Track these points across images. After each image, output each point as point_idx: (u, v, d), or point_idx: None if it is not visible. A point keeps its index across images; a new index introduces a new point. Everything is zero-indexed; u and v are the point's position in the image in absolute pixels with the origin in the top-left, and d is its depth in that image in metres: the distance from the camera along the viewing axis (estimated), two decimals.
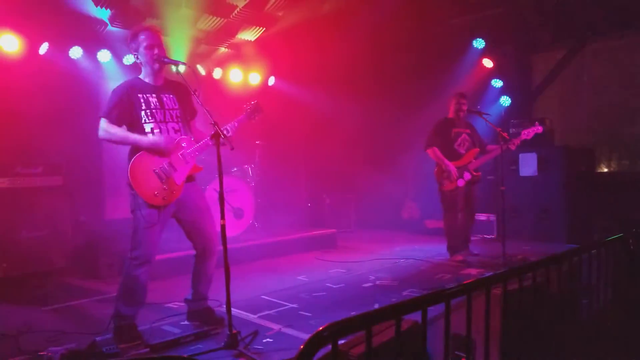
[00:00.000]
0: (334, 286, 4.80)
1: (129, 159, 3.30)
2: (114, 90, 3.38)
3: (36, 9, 5.44)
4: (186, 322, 3.66)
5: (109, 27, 6.09)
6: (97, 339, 3.20)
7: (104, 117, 3.30)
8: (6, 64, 5.39)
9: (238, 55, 7.62)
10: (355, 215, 8.40)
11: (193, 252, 3.62)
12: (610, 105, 7.43)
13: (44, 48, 5.65)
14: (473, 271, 5.23)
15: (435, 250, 6.41)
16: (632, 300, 3.02)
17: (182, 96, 3.55)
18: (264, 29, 7.07)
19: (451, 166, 5.57)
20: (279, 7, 6.71)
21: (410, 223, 8.34)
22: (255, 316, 3.87)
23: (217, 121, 3.18)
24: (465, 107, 5.74)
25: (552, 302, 2.67)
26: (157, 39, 3.39)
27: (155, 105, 3.40)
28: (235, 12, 6.53)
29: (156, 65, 3.39)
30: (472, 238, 6.06)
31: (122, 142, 3.34)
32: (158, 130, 3.35)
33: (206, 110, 3.22)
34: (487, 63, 8.00)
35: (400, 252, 6.41)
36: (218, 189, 3.19)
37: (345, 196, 8.27)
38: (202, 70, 7.18)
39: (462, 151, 5.69)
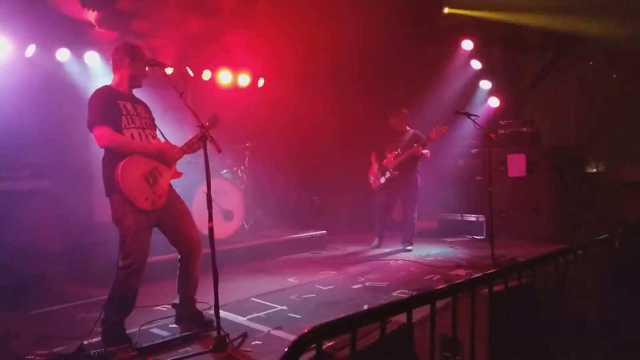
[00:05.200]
0: (324, 288, 4.80)
1: (112, 163, 3.24)
2: (97, 96, 3.29)
3: (22, 11, 5.39)
4: (175, 325, 3.65)
5: (96, 29, 6.06)
6: (85, 342, 3.20)
7: (103, 124, 3.20)
8: None
9: (227, 56, 7.60)
10: (345, 216, 8.40)
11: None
12: (599, 106, 7.50)
13: (30, 50, 5.60)
14: (462, 272, 5.26)
15: (425, 250, 6.44)
16: (618, 300, 3.05)
17: (145, 109, 3.58)
18: (253, 30, 7.06)
19: (375, 166, 6.70)
20: (268, 9, 6.71)
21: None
22: (245, 318, 3.87)
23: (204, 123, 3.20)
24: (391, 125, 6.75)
25: (538, 302, 2.69)
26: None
27: (132, 112, 3.40)
28: (224, 13, 6.52)
29: (143, 81, 3.49)
30: (462, 239, 6.11)
31: (126, 149, 3.24)
32: (138, 135, 3.34)
33: (193, 112, 3.21)
34: (476, 64, 8.04)
35: (391, 253, 6.43)
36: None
37: (336, 197, 8.27)
38: (190, 72, 7.15)
39: (387, 154, 6.62)
